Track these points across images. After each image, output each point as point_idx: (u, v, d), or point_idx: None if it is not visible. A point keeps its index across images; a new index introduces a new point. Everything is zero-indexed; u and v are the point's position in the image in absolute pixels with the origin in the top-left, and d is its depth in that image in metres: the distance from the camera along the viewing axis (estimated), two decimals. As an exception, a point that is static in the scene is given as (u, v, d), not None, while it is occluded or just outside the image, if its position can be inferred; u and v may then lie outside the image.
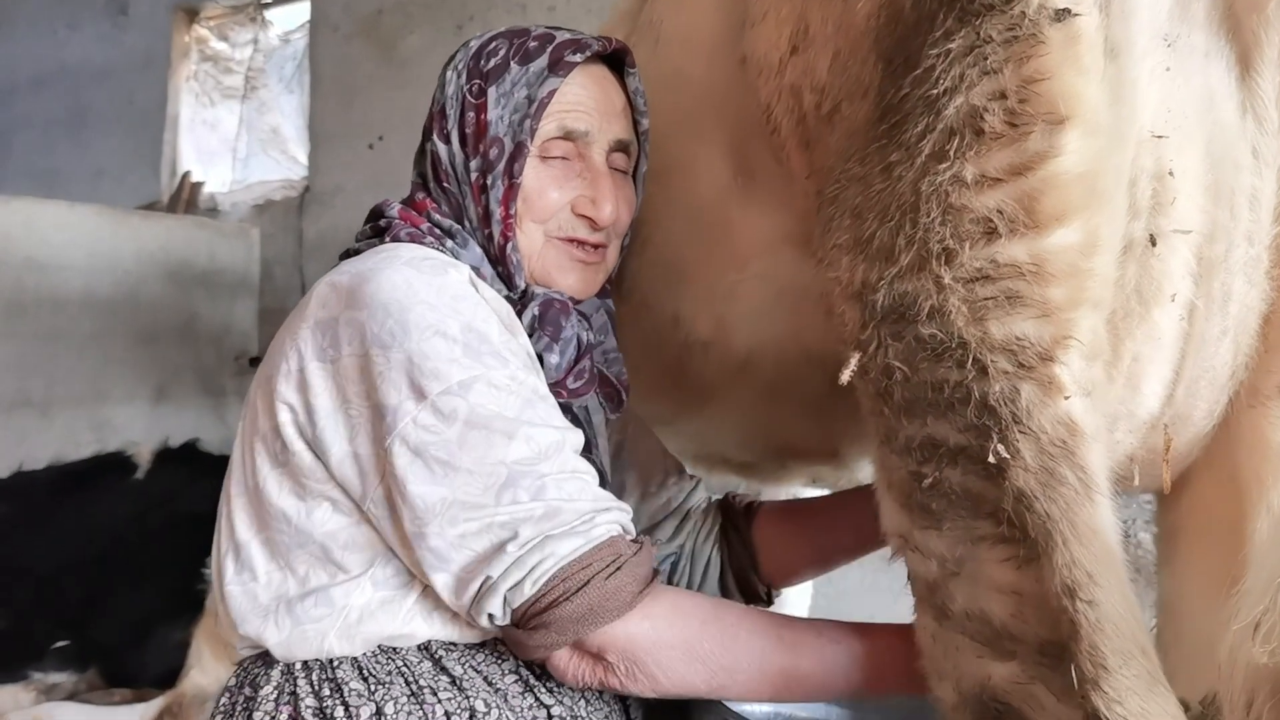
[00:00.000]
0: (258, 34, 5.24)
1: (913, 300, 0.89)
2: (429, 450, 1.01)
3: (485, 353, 1.04)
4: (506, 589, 1.00)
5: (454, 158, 1.19)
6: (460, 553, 1.01)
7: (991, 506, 0.89)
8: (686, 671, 1.04)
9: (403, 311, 1.03)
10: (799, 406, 1.31)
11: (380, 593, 1.08)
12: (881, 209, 0.90)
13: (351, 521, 1.08)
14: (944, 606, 0.94)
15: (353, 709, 1.05)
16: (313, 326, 1.08)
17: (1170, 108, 0.92)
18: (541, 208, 1.17)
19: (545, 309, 1.16)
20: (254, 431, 1.13)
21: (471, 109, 1.18)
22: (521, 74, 1.17)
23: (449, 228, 1.18)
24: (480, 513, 1.00)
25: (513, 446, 1.01)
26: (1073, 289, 0.85)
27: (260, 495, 1.11)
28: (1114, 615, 0.82)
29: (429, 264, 1.09)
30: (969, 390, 0.87)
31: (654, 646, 1.03)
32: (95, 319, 4.17)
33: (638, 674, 1.04)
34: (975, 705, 0.93)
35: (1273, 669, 0.73)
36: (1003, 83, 0.82)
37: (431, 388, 1.01)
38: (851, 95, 0.95)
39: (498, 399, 1.03)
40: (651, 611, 1.04)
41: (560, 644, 1.02)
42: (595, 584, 1.00)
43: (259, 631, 1.10)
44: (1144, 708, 0.81)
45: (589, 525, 1.02)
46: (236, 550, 1.13)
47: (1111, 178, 0.85)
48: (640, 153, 1.27)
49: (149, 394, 4.32)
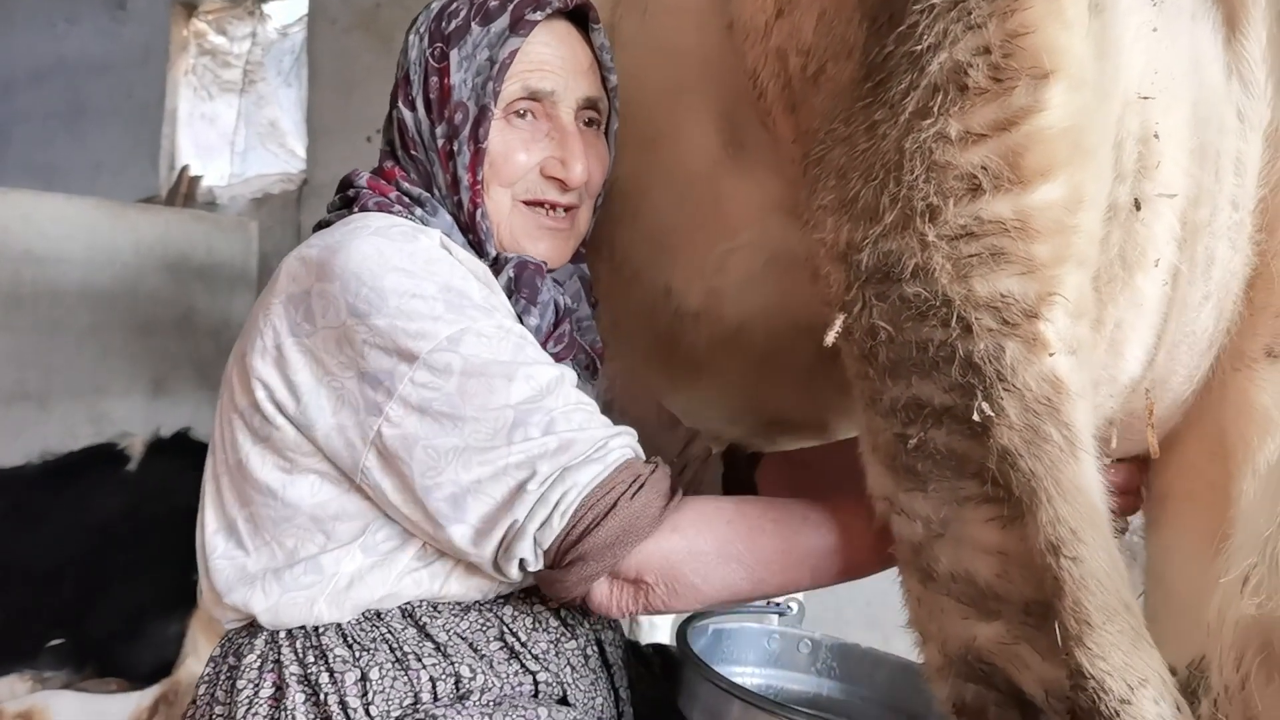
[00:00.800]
0: (256, 28, 5.24)
1: (897, 259, 0.88)
2: (432, 406, 1.01)
3: (467, 306, 1.04)
4: (535, 529, 1.00)
5: (420, 124, 1.17)
6: (478, 500, 1.01)
7: (976, 466, 0.89)
8: (725, 573, 1.05)
9: (376, 279, 1.02)
10: (789, 378, 1.30)
11: (370, 558, 1.08)
12: (866, 168, 0.89)
13: (341, 491, 1.08)
14: (929, 569, 0.94)
15: (337, 675, 1.05)
16: (285, 301, 1.07)
17: (1156, 69, 0.92)
18: (509, 171, 1.16)
19: (520, 271, 1.15)
20: (232, 408, 1.12)
21: (434, 73, 1.16)
22: (483, 35, 1.15)
23: (418, 196, 1.17)
24: (493, 455, 1.00)
25: (514, 388, 1.01)
26: (1057, 245, 0.84)
27: (243, 471, 1.11)
28: (1098, 571, 0.82)
29: (398, 231, 1.09)
30: (953, 349, 0.87)
31: (689, 556, 1.04)
32: (93, 311, 4.17)
33: (678, 588, 1.04)
34: (961, 666, 0.93)
35: (1262, 621, 0.72)
36: (986, 37, 0.82)
37: (421, 347, 1.01)
38: (837, 55, 0.94)
39: (489, 346, 1.02)
40: (680, 523, 1.04)
41: (599, 573, 1.02)
42: (622, 505, 1.00)
43: (245, 600, 1.09)
44: (1127, 662, 0.80)
45: (604, 451, 1.02)
46: (221, 526, 1.13)
47: (1097, 133, 0.85)
48: (611, 109, 1.25)
49: (147, 386, 4.33)
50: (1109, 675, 0.81)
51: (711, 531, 1.05)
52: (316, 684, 1.05)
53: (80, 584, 2.99)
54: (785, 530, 1.08)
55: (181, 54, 5.36)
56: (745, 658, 1.41)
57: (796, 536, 1.08)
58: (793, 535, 1.08)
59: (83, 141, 5.56)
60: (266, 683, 1.07)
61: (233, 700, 1.08)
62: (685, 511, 1.05)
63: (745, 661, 1.41)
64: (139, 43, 5.39)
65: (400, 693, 1.05)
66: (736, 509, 1.09)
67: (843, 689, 1.41)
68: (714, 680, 1.11)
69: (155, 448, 3.16)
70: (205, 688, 1.15)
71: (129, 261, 4.25)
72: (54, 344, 4.05)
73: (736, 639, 1.41)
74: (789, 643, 1.43)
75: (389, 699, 1.04)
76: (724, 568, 1.05)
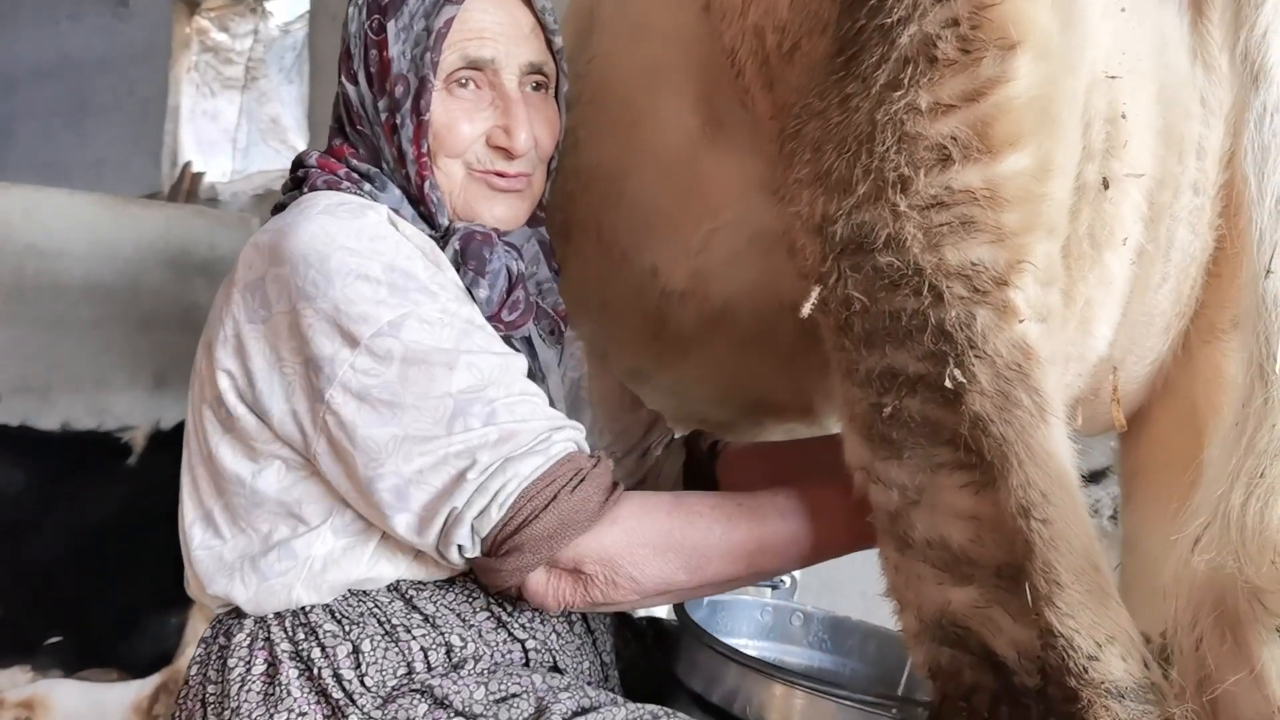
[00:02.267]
0: (258, 25, 5.27)
1: (870, 230, 0.90)
2: (372, 393, 1.01)
3: (411, 289, 1.04)
4: (473, 517, 1.00)
5: (363, 99, 1.16)
6: (419, 490, 1.01)
7: (949, 433, 0.90)
8: (663, 565, 1.05)
9: (323, 260, 1.02)
10: (775, 358, 1.32)
11: (341, 540, 1.09)
12: (839, 141, 0.91)
13: (303, 476, 1.09)
14: (905, 536, 0.95)
15: (329, 649, 1.06)
16: (242, 290, 1.07)
17: (1124, 49, 0.93)
18: (453, 142, 1.15)
19: (466, 243, 1.14)
20: (201, 399, 1.13)
21: (374, 46, 1.14)
22: (419, 4, 1.13)
23: (366, 171, 1.16)
24: (433, 445, 1.00)
25: (455, 376, 1.01)
26: (1026, 214, 0.86)
27: (214, 461, 1.11)
28: (1067, 533, 0.83)
29: (344, 209, 1.08)
30: (925, 317, 0.88)
31: (627, 548, 1.04)
32: (96, 306, 4.17)
33: (617, 580, 1.04)
34: (936, 631, 0.94)
35: (1212, 578, 0.73)
36: (955, 9, 0.83)
37: (362, 332, 1.00)
38: (811, 31, 0.96)
39: (431, 333, 1.02)
40: (619, 516, 1.04)
41: (534, 564, 1.02)
42: (562, 498, 1.01)
43: (227, 590, 1.10)
44: (1095, 620, 0.82)
45: (546, 444, 1.02)
46: (199, 516, 1.14)
47: (1064, 103, 0.86)
48: (559, 71, 1.23)
49: (149, 380, 4.33)
50: (1077, 633, 0.82)
51: (651, 522, 1.06)
52: (309, 659, 1.06)
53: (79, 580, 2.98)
54: (723, 521, 1.08)
55: (184, 51, 5.39)
56: (739, 630, 1.44)
57: (735, 527, 1.08)
58: (732, 526, 1.08)
59: (85, 138, 5.59)
60: (258, 660, 1.08)
61: (225, 679, 1.09)
62: (625, 504, 1.06)
63: (739, 634, 1.43)
64: (142, 40, 5.43)
65: (393, 663, 1.06)
66: (675, 502, 1.10)
67: (834, 660, 1.43)
68: (711, 645, 1.13)
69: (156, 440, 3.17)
70: (197, 668, 1.16)
71: (131, 257, 4.25)
72: (56, 338, 4.06)
73: (731, 611, 1.44)
74: (782, 615, 1.45)
75: (382, 670, 1.05)
76: (660, 559, 1.05)
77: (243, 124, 5.29)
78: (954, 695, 0.94)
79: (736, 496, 1.13)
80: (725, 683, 1.13)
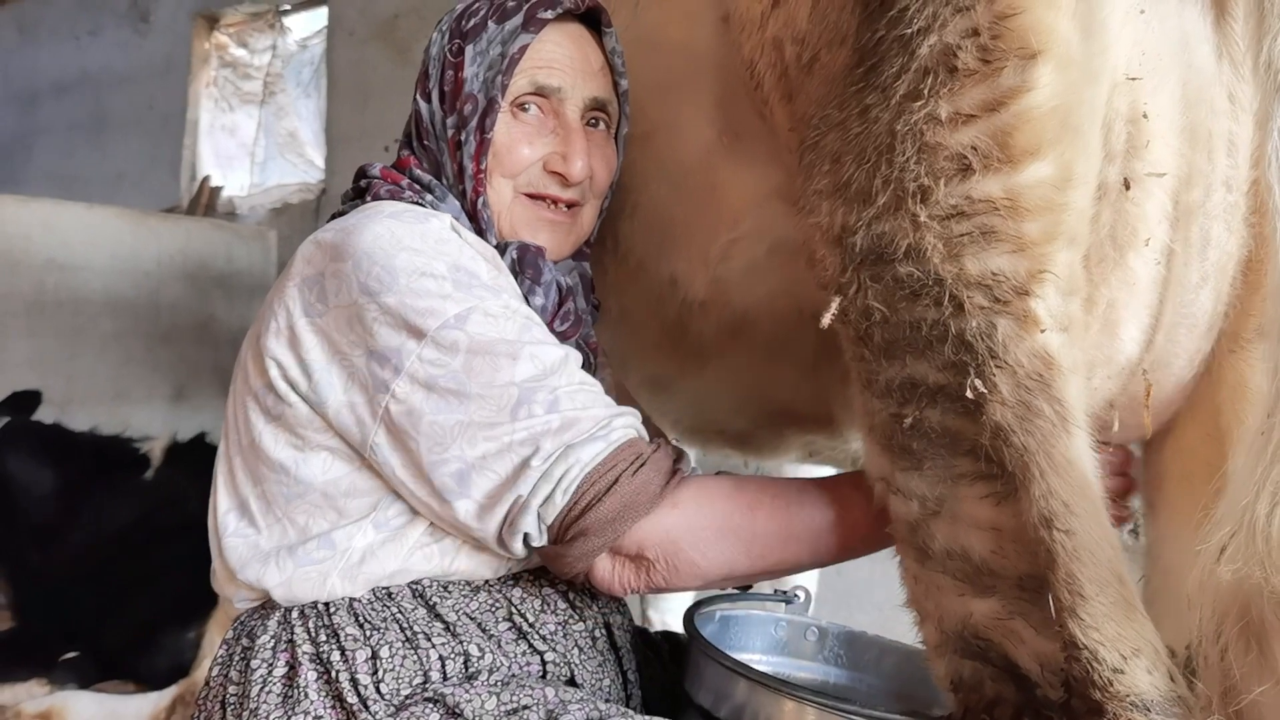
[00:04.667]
0: (276, 40, 5.31)
1: (890, 240, 0.90)
2: (439, 382, 1.03)
3: (475, 286, 1.07)
4: (538, 504, 1.02)
5: (433, 115, 1.21)
6: (483, 476, 1.03)
7: (970, 443, 0.90)
8: (724, 548, 1.07)
9: (388, 258, 1.05)
10: (794, 366, 1.32)
11: (381, 534, 1.10)
12: (859, 152, 0.91)
13: (352, 468, 1.10)
14: (925, 546, 0.95)
15: (349, 653, 1.06)
16: (299, 284, 1.10)
17: (1144, 50, 0.93)
18: (512, 163, 1.18)
19: (523, 253, 1.17)
20: (246, 390, 1.15)
21: (450, 67, 1.20)
22: (497, 32, 1.18)
23: (427, 182, 1.20)
24: (498, 431, 1.03)
25: (519, 366, 1.03)
26: (1047, 223, 0.86)
27: (256, 450, 1.13)
28: (1090, 544, 0.83)
29: (410, 214, 1.11)
30: (946, 327, 0.88)
31: (688, 531, 1.06)
32: (115, 319, 4.23)
33: (678, 564, 1.06)
34: (957, 643, 0.94)
35: (1237, 588, 0.73)
36: (975, 19, 0.84)
37: (429, 324, 1.03)
38: (830, 43, 0.96)
39: (496, 325, 1.05)
40: (679, 499, 1.06)
41: (600, 548, 1.04)
42: (623, 481, 1.02)
43: (259, 576, 1.11)
44: (1120, 633, 0.81)
45: (607, 430, 1.04)
46: (234, 505, 1.15)
47: (1085, 112, 0.86)
48: (621, 113, 1.27)
49: (168, 394, 4.37)
50: (1102, 645, 0.81)
51: (711, 507, 1.07)
52: (328, 662, 1.06)
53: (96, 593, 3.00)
54: (783, 506, 1.09)
55: (203, 66, 5.44)
56: (752, 644, 1.41)
57: (795, 512, 1.09)
58: (791, 511, 1.09)
59: (105, 152, 5.64)
60: (280, 661, 1.09)
61: (247, 679, 1.09)
62: (685, 489, 1.07)
63: (752, 648, 1.41)
64: (161, 55, 5.48)
65: (410, 671, 1.07)
66: (735, 485, 1.11)
67: (850, 676, 1.40)
68: (719, 660, 1.11)
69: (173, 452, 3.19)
70: (219, 669, 1.16)
71: (150, 270, 4.30)
72: (76, 351, 4.11)
73: (743, 625, 1.41)
74: (796, 630, 1.43)
75: (399, 677, 1.06)
76: (721, 542, 1.07)
77: (260, 138, 5.33)
78: (976, 708, 0.93)
79: (798, 481, 1.15)
80: (734, 698, 1.12)
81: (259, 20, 5.35)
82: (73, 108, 5.83)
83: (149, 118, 5.48)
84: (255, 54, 5.36)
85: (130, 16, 5.60)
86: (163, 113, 5.43)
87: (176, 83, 5.40)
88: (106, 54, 5.71)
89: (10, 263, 3.95)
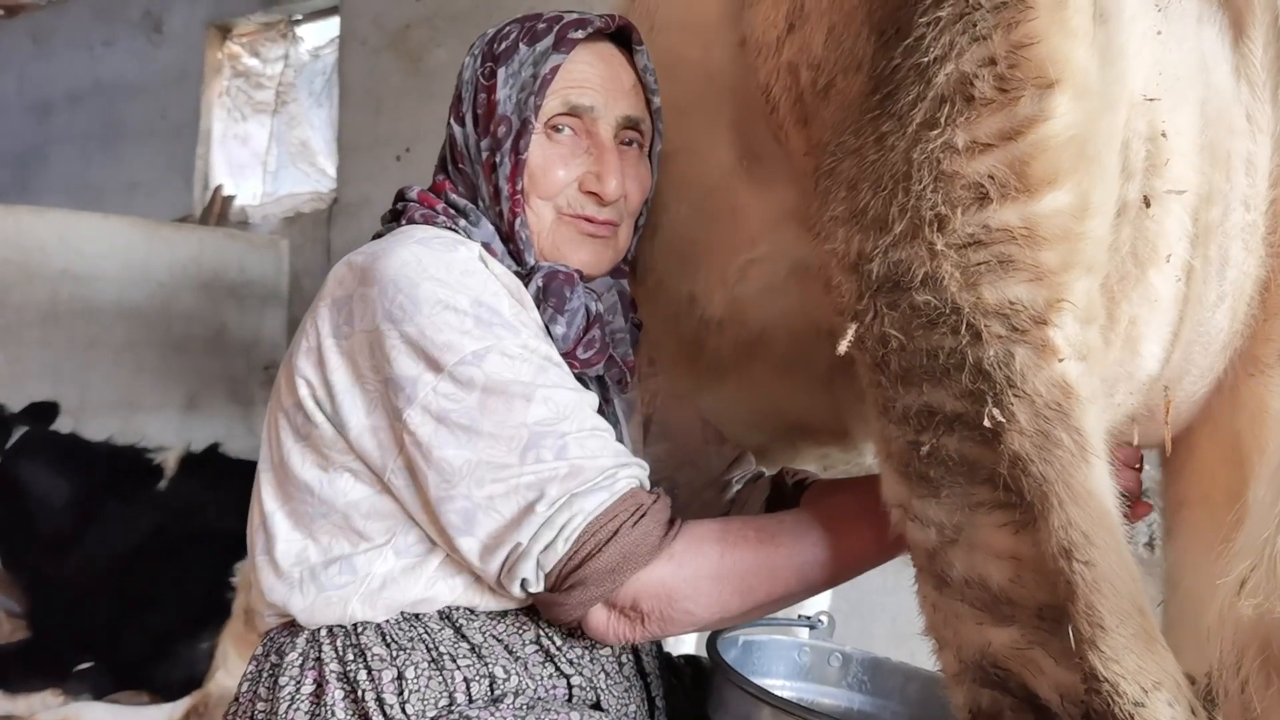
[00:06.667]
0: (288, 50, 5.33)
1: (907, 268, 0.89)
2: (451, 417, 1.04)
3: (496, 324, 1.07)
4: (539, 551, 1.03)
5: (468, 139, 1.22)
6: (488, 516, 1.04)
7: (988, 472, 0.89)
8: (717, 595, 1.07)
9: (413, 287, 1.06)
10: (810, 382, 1.32)
11: (402, 560, 1.11)
12: (875, 179, 0.91)
13: (373, 491, 1.11)
14: (943, 574, 0.94)
15: (375, 673, 1.07)
16: (330, 304, 1.12)
17: (1162, 70, 0.93)
18: (547, 184, 1.18)
19: (549, 280, 1.17)
20: (278, 407, 1.17)
21: (483, 90, 1.20)
22: (529, 54, 1.19)
23: (463, 207, 1.20)
24: (506, 473, 1.03)
25: (532, 409, 1.04)
26: (1065, 252, 0.85)
27: (285, 468, 1.15)
28: (1110, 575, 0.82)
29: (439, 242, 1.12)
30: (963, 356, 0.88)
31: (682, 582, 1.06)
32: (128, 329, 4.25)
33: (673, 614, 1.06)
34: (976, 672, 0.93)
35: (1258, 623, 0.72)
36: (992, 48, 0.83)
37: (447, 359, 1.04)
38: (846, 69, 0.96)
39: (512, 366, 1.05)
40: (674, 551, 1.06)
41: (597, 598, 1.04)
42: (623, 533, 1.03)
43: (285, 599, 1.13)
44: (1141, 665, 0.80)
45: (611, 480, 1.05)
46: (264, 522, 1.16)
47: (1103, 141, 0.86)
48: (654, 131, 1.27)
49: (180, 402, 4.40)
50: (1123, 678, 0.81)
51: (704, 553, 1.08)
52: (354, 681, 1.07)
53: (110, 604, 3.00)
54: (769, 540, 1.10)
55: (216, 76, 5.47)
56: (775, 670, 1.41)
57: (783, 546, 1.10)
58: (779, 546, 1.10)
59: (119, 161, 5.67)
60: (308, 680, 1.10)
61: (275, 696, 1.11)
62: (680, 540, 1.07)
63: (775, 674, 1.40)
64: (174, 65, 5.51)
65: (435, 692, 1.07)
66: (721, 528, 1.12)
67: (873, 703, 1.39)
68: (743, 686, 1.11)
69: (188, 463, 3.20)
70: (248, 685, 1.18)
71: (163, 280, 4.33)
72: (90, 360, 4.13)
73: (766, 651, 1.41)
74: (819, 656, 1.42)
75: (424, 698, 1.06)
76: (715, 588, 1.07)
77: (273, 147, 5.35)
78: (995, 737, 0.92)
79: (778, 516, 1.16)
80: (756, 724, 1.12)
81: (271, 30, 5.38)
82: (86, 117, 5.86)
83: (162, 127, 5.51)
84: (268, 63, 5.38)
85: (144, 26, 5.63)
86: (176, 122, 5.46)
87: (189, 92, 5.43)
88: (120, 64, 5.75)
89: (25, 273, 3.98)
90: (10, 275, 3.94)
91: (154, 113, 5.55)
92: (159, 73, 5.56)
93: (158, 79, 5.55)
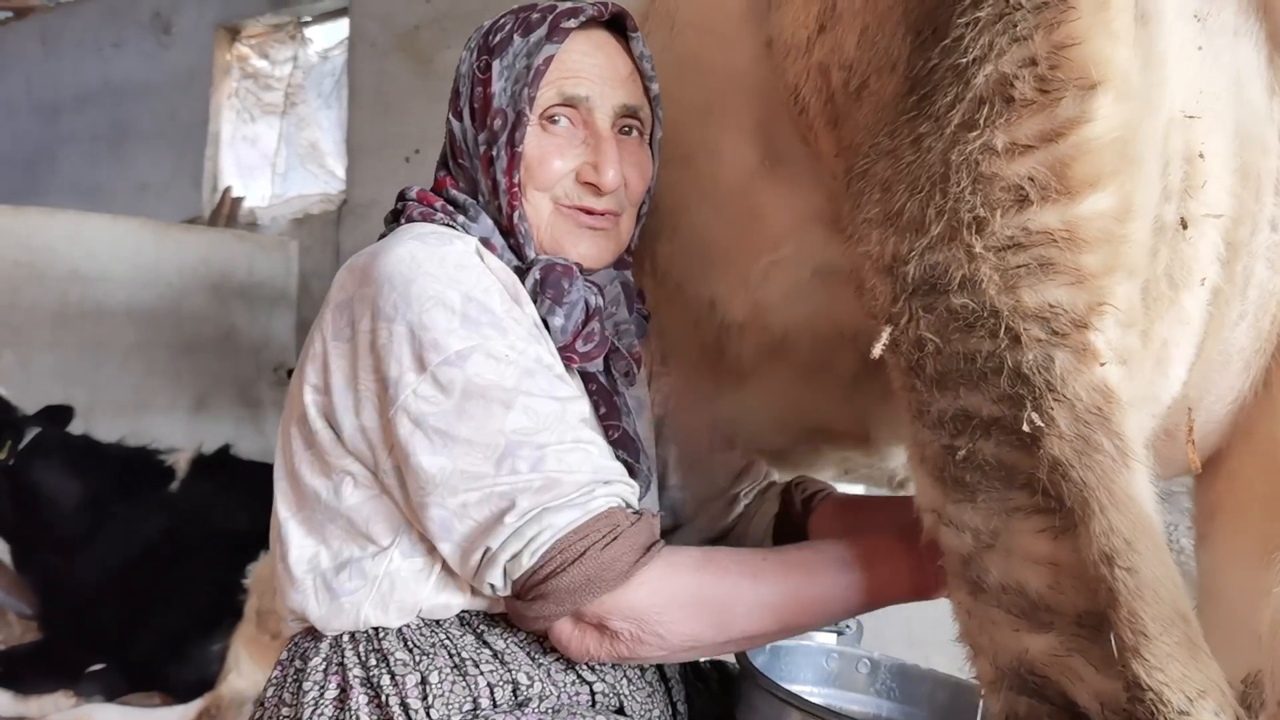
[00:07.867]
0: (297, 51, 5.33)
1: (944, 271, 0.88)
2: (428, 421, 1.03)
3: (484, 323, 1.05)
4: (505, 560, 1.02)
5: (465, 133, 1.20)
6: (463, 522, 1.03)
7: (1026, 477, 0.88)
8: (690, 623, 1.05)
9: (406, 284, 1.05)
10: (833, 386, 1.31)
11: (409, 562, 1.10)
12: (911, 181, 0.90)
13: (373, 494, 1.11)
14: (979, 580, 0.93)
15: (398, 678, 1.07)
16: (333, 310, 1.11)
17: (1201, 88, 0.92)
18: (544, 176, 1.17)
19: (546, 273, 1.15)
20: (290, 417, 1.17)
21: (479, 84, 1.19)
22: (523, 45, 1.17)
23: (461, 202, 1.19)
24: (481, 482, 1.02)
25: (510, 416, 1.03)
26: (1107, 255, 0.84)
27: (296, 477, 1.15)
28: (1153, 582, 0.81)
29: (434, 237, 1.11)
30: (1001, 360, 0.87)
31: (653, 607, 1.04)
32: (138, 330, 4.25)
33: (643, 637, 1.04)
34: (1013, 680, 0.92)
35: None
36: (1033, 49, 0.82)
37: (431, 359, 1.03)
38: (880, 70, 0.95)
39: (496, 369, 1.04)
40: (648, 576, 1.04)
41: (558, 615, 1.03)
42: (591, 555, 1.01)
43: (302, 605, 1.13)
44: (1186, 674, 0.79)
45: (587, 497, 1.03)
46: (280, 530, 1.16)
47: (1144, 143, 0.85)
48: (654, 118, 1.25)
49: (189, 404, 4.40)
50: (1167, 687, 0.79)
51: (680, 580, 1.05)
52: (378, 686, 1.07)
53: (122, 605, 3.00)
54: (750, 578, 1.07)
55: (225, 77, 5.47)
56: (803, 676, 1.39)
57: (763, 581, 1.07)
58: (759, 580, 1.07)
59: (128, 163, 5.68)
60: (331, 685, 1.10)
61: (299, 701, 1.11)
62: (655, 565, 1.05)
63: (803, 680, 1.39)
64: (183, 67, 5.51)
65: (460, 697, 1.07)
66: (703, 559, 1.09)
67: (902, 710, 1.38)
68: (773, 691, 1.10)
69: (199, 465, 3.19)
70: (273, 690, 1.18)
71: (173, 281, 4.33)
72: (99, 361, 4.14)
73: (794, 657, 1.39)
74: (847, 662, 1.40)
75: (449, 703, 1.06)
76: (688, 616, 1.05)
77: (282, 149, 5.35)
78: (1032, 745, 0.91)
79: (764, 552, 1.13)
80: (784, 728, 1.11)
81: (280, 32, 5.38)
82: (96, 119, 5.87)
83: (171, 129, 5.51)
84: (277, 65, 5.38)
85: (153, 28, 5.64)
86: (185, 124, 5.46)
87: (199, 94, 5.43)
88: (129, 65, 5.76)
89: (35, 274, 3.98)
90: (20, 277, 3.95)
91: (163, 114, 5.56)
92: (168, 74, 5.56)
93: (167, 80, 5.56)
